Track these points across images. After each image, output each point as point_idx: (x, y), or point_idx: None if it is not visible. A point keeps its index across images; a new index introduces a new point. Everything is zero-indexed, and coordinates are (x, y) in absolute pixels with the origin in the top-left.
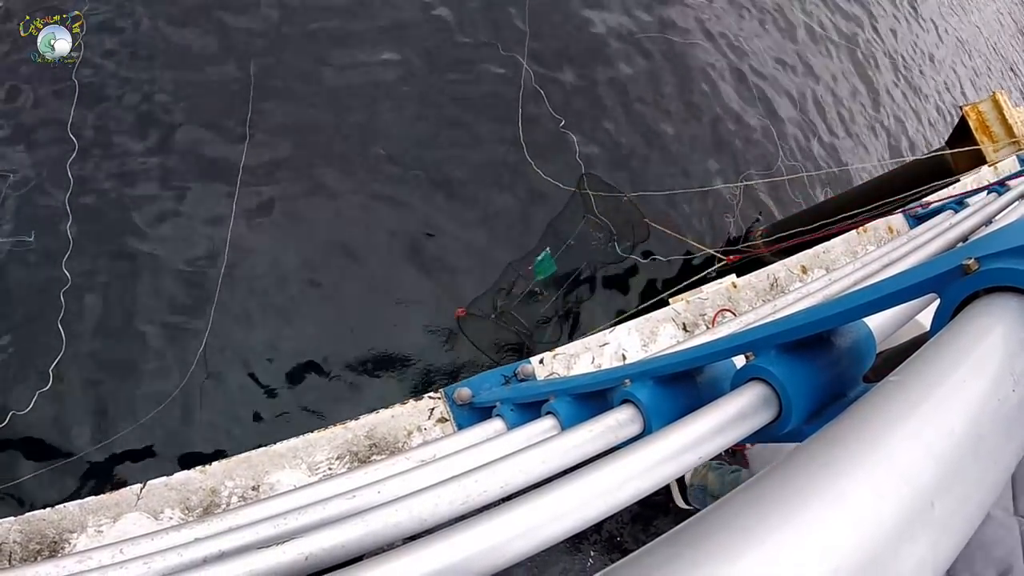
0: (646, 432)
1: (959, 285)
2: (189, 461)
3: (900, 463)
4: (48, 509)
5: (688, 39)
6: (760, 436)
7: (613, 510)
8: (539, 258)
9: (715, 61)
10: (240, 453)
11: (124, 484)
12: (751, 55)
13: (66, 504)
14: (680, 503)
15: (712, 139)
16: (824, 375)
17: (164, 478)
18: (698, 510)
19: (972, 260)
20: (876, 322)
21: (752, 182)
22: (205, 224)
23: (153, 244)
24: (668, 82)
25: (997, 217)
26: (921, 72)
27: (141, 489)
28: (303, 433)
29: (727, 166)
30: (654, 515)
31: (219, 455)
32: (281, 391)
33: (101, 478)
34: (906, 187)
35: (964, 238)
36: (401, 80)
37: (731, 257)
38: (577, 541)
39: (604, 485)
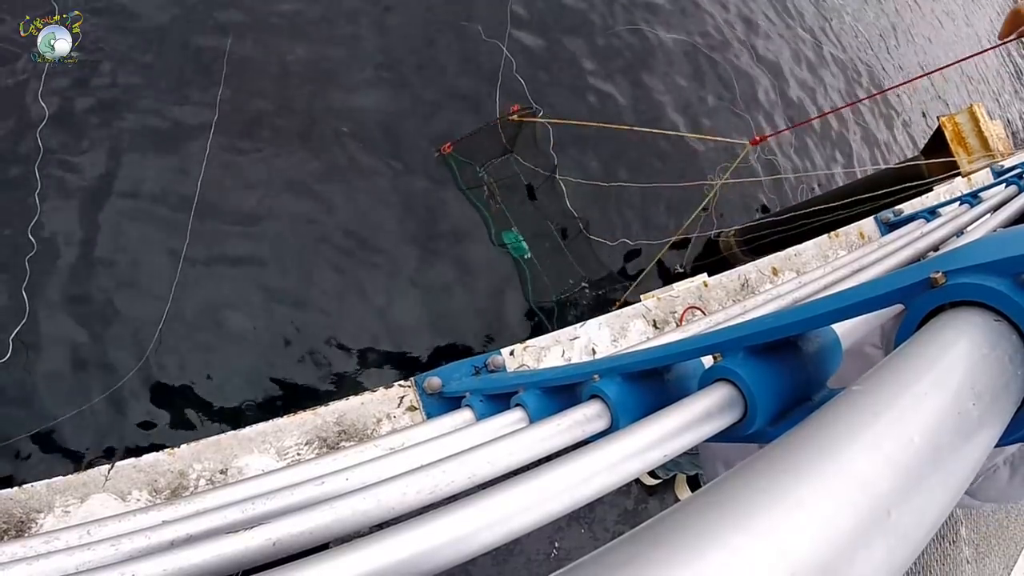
0: (613, 428)
1: (925, 298)
2: (153, 440)
3: (859, 471)
4: (15, 488)
5: (678, 33)
6: (725, 436)
7: (579, 504)
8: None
9: (701, 58)
10: (208, 436)
11: (86, 459)
12: (738, 53)
13: (33, 484)
14: (647, 481)
15: (692, 132)
16: (790, 379)
17: (132, 459)
18: (665, 480)
19: (939, 273)
20: (843, 328)
21: (726, 180)
22: (173, 195)
23: (122, 214)
24: (653, 74)
25: (968, 228)
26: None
27: (109, 470)
28: (272, 418)
29: (705, 161)
30: (623, 500)
31: (185, 436)
32: (252, 373)
33: (61, 451)
34: (880, 194)
35: (935, 248)
36: (374, 62)
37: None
38: (541, 532)
39: (571, 479)
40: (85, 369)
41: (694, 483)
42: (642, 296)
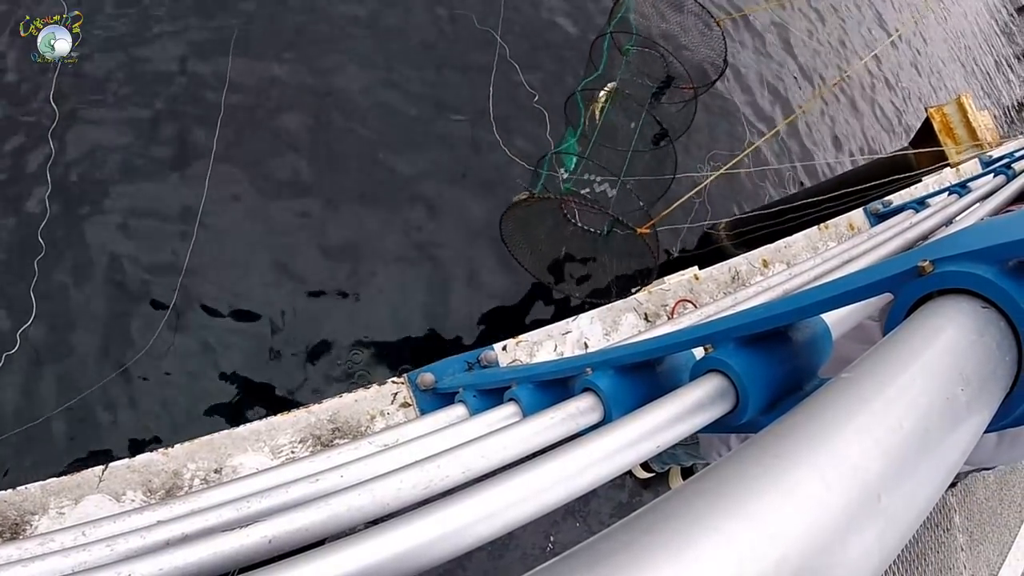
0: (606, 420)
1: (913, 286)
2: (147, 439)
3: (849, 456)
4: (9, 491)
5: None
6: (717, 426)
7: (573, 496)
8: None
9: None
10: (202, 436)
11: (80, 457)
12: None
13: (27, 486)
14: (640, 474)
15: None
16: (781, 368)
17: (126, 460)
18: (659, 473)
19: (927, 262)
20: (833, 318)
21: (718, 172)
22: (178, 197)
23: (129, 217)
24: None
25: (957, 218)
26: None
27: (103, 471)
28: (266, 416)
29: (698, 152)
30: (617, 494)
31: (178, 435)
32: (246, 372)
33: (62, 444)
34: (869, 186)
35: (924, 237)
36: (368, 49)
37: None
38: (536, 526)
39: (564, 471)
40: (86, 364)
41: (688, 476)
42: (633, 290)
